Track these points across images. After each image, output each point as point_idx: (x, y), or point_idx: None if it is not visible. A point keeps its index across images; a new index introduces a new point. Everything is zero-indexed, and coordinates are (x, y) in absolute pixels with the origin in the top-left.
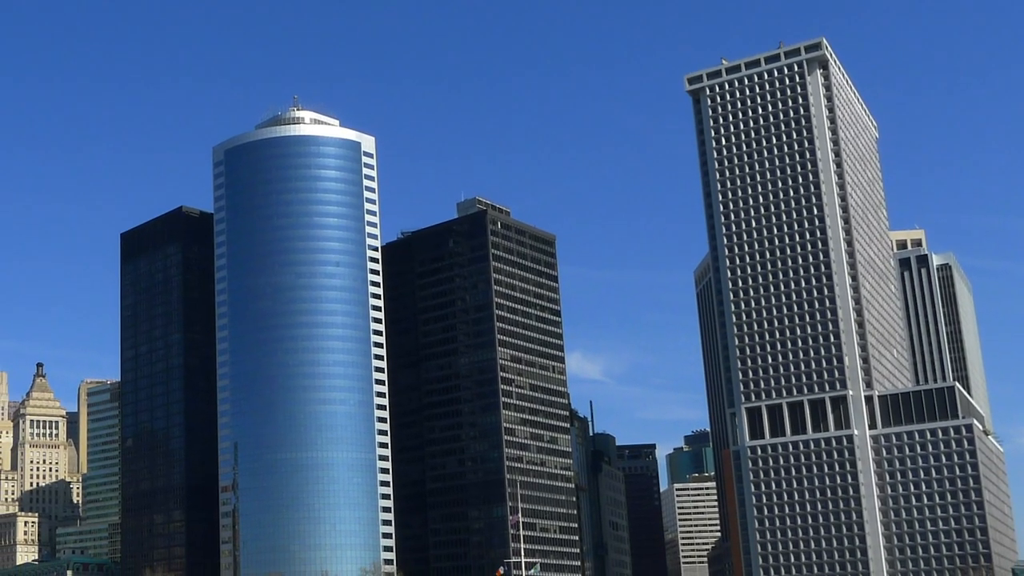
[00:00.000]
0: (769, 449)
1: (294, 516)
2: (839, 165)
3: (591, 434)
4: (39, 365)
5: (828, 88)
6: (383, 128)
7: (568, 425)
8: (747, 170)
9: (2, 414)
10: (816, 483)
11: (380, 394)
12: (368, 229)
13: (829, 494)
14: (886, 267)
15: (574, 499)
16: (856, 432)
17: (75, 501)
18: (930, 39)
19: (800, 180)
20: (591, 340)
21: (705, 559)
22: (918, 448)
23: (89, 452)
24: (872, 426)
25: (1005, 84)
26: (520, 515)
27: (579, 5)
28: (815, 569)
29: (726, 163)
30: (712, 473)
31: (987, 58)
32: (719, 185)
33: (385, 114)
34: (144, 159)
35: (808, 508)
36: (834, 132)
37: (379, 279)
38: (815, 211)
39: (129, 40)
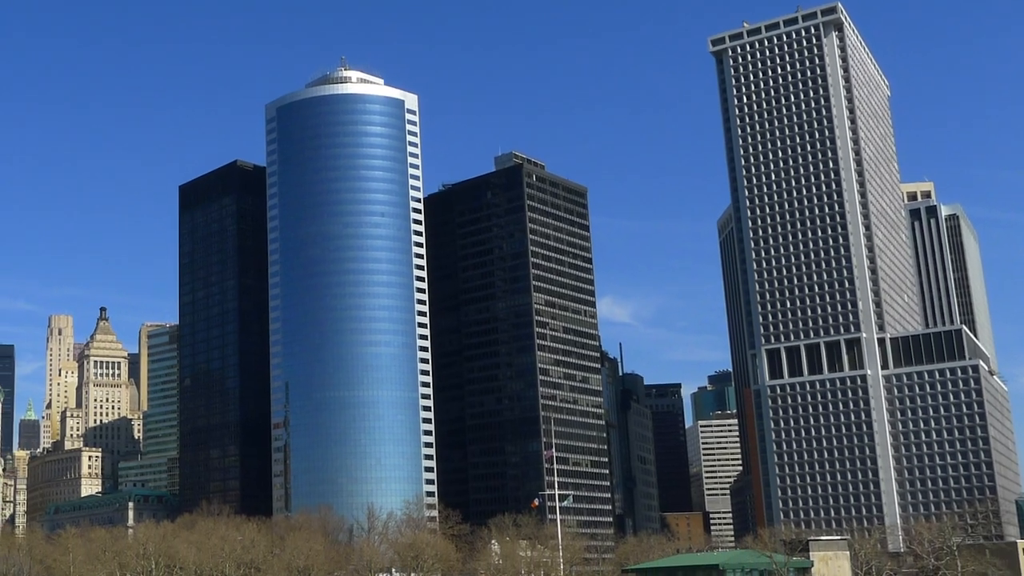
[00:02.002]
0: (787, 388)
1: (341, 451)
2: (853, 121)
3: (620, 374)
4: (102, 309)
5: (843, 49)
6: (425, 86)
7: (599, 366)
8: (767, 126)
9: (68, 355)
10: (832, 420)
11: (422, 336)
12: (411, 182)
13: (844, 430)
14: (897, 217)
15: (604, 435)
16: (869, 372)
17: (136, 437)
18: (939, 2)
19: (816, 136)
20: (620, 286)
21: (727, 491)
22: (927, 387)
23: (149, 391)
24: (884, 366)
25: (1010, 44)
26: (554, 450)
27: None
28: (831, 500)
29: (747, 120)
30: (734, 411)
31: (994, 19)
32: (740, 140)
33: (427, 73)
34: (201, 116)
35: (824, 443)
36: (848, 90)
37: (421, 229)
38: (830, 165)
39: (188, 4)
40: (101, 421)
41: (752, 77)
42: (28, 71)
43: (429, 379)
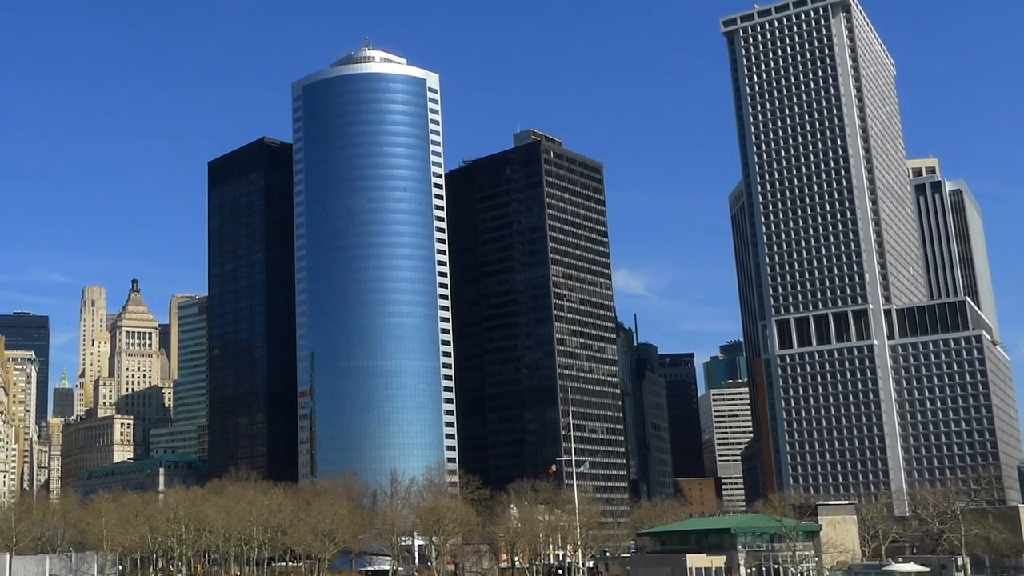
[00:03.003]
0: (797, 358)
1: (365, 418)
2: (860, 100)
3: (635, 344)
4: (134, 281)
5: (850, 30)
6: (446, 65)
7: (614, 336)
8: (777, 104)
9: (101, 326)
10: (839, 388)
11: (443, 307)
12: (432, 158)
13: (851, 398)
14: (903, 192)
15: (620, 403)
16: (876, 342)
17: (166, 405)
18: None
19: (825, 113)
20: (635, 258)
21: (739, 457)
22: (932, 357)
23: (179, 360)
24: (890, 337)
25: (1013, 24)
26: (571, 417)
27: None
28: (838, 467)
29: (758, 98)
30: (745, 379)
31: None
32: (751, 118)
33: (449, 53)
34: (230, 95)
35: (832, 411)
36: (855, 70)
37: (442, 203)
38: (838, 141)
39: None
40: (133, 390)
41: (763, 57)
42: (64, 53)
43: (450, 349)
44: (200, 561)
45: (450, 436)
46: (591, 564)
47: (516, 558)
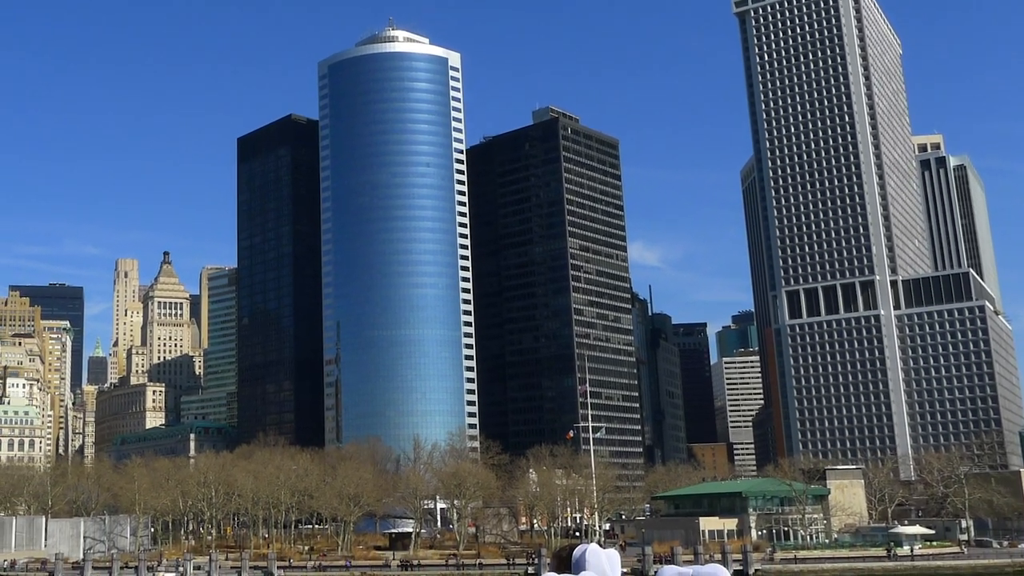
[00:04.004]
0: (806, 327)
1: (389, 386)
2: (867, 78)
3: (650, 314)
4: (166, 253)
5: (858, 10)
6: (468, 45)
7: (630, 306)
8: (787, 82)
9: (133, 296)
10: (847, 357)
11: (464, 279)
12: (454, 134)
13: (859, 366)
14: (909, 167)
15: (635, 371)
16: (882, 312)
17: (197, 373)
18: None
19: (833, 91)
20: (650, 231)
21: (750, 424)
22: (937, 326)
23: (209, 330)
24: (896, 307)
25: (1016, 3)
26: (587, 385)
27: None
28: (846, 432)
29: (768, 76)
30: (756, 348)
31: None
32: (762, 96)
33: (470, 32)
34: (258, 73)
35: (840, 379)
36: (863, 49)
37: (464, 178)
38: (846, 118)
39: None
40: (164, 358)
41: (773, 36)
42: (99, 34)
43: (471, 319)
44: (230, 524)
45: (471, 403)
46: (607, 527)
47: (535, 521)
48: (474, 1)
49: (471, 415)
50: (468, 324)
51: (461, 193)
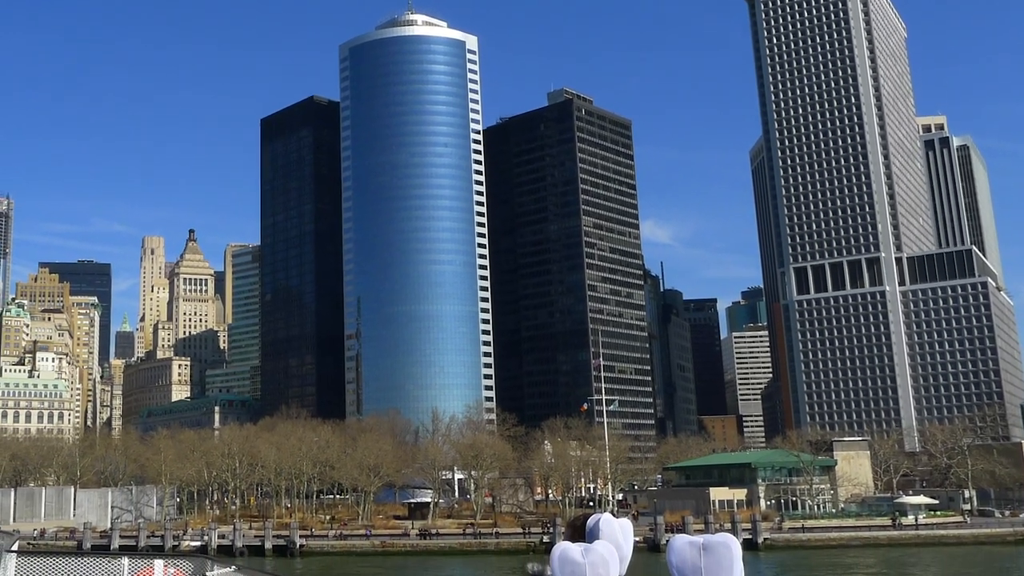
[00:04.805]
0: (813, 303)
1: (408, 360)
2: (873, 61)
3: (662, 290)
4: (191, 231)
5: None
6: (484, 28)
7: (642, 282)
8: (795, 64)
9: (160, 273)
10: (853, 331)
11: (481, 256)
12: (471, 115)
13: (865, 341)
14: (913, 147)
15: (647, 345)
16: (887, 288)
17: (221, 347)
18: None
19: (840, 73)
20: (662, 210)
21: (759, 397)
22: (940, 302)
23: (233, 305)
24: (901, 283)
25: None
26: (601, 359)
27: None
28: (853, 405)
29: (777, 59)
30: (765, 323)
31: None
32: (771, 77)
33: (486, 16)
34: (281, 56)
35: (847, 353)
36: (868, 32)
37: (481, 158)
38: (852, 99)
39: None
40: (190, 333)
41: (781, 20)
42: (126, 16)
43: (488, 295)
44: (253, 494)
45: (488, 377)
46: (620, 497)
47: (550, 491)
48: None
49: (488, 388)
50: (485, 300)
51: (478, 173)
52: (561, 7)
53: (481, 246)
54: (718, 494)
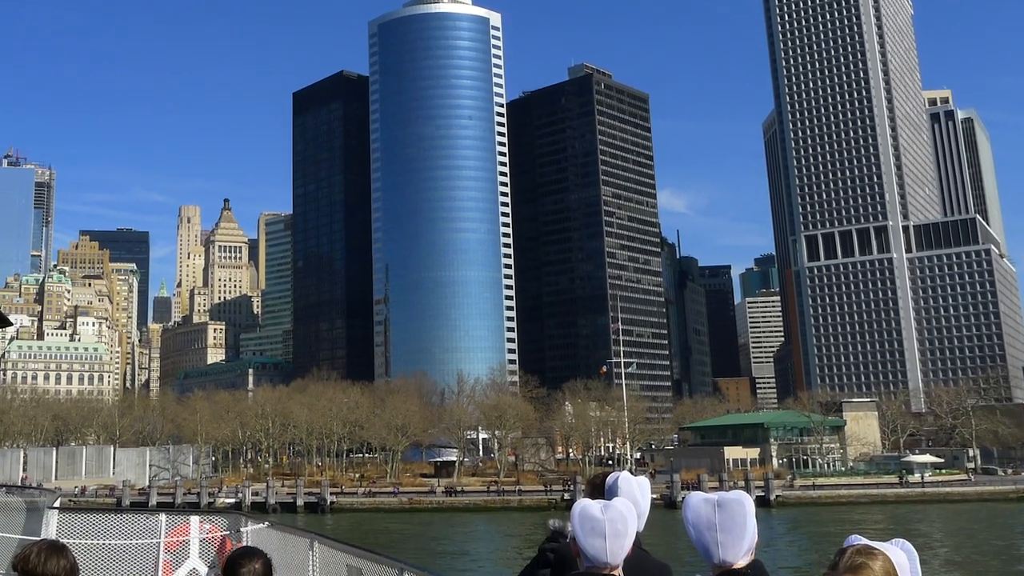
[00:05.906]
0: (824, 269)
1: (434, 324)
2: (880, 36)
3: (678, 257)
4: (226, 200)
5: None
6: (507, 5)
7: (659, 250)
8: (806, 40)
9: (196, 241)
10: (862, 297)
11: (505, 224)
12: (495, 89)
13: (873, 306)
14: (919, 120)
15: (664, 310)
16: (895, 255)
17: (255, 312)
18: None
19: (849, 48)
20: (678, 179)
21: (771, 359)
22: (946, 268)
23: (267, 272)
24: (908, 250)
25: None
26: (619, 323)
27: None
28: (861, 367)
29: (789, 34)
30: (777, 289)
31: None
32: (783, 52)
33: None
34: (312, 32)
35: (856, 317)
36: (877, 9)
37: (504, 130)
38: (861, 73)
39: None
40: (225, 298)
41: None
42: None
43: (511, 261)
44: (285, 453)
45: (511, 340)
46: (638, 455)
47: (570, 450)
48: None
49: (511, 351)
50: (508, 266)
51: (501, 144)
52: None
53: (504, 215)
54: (732, 453)
